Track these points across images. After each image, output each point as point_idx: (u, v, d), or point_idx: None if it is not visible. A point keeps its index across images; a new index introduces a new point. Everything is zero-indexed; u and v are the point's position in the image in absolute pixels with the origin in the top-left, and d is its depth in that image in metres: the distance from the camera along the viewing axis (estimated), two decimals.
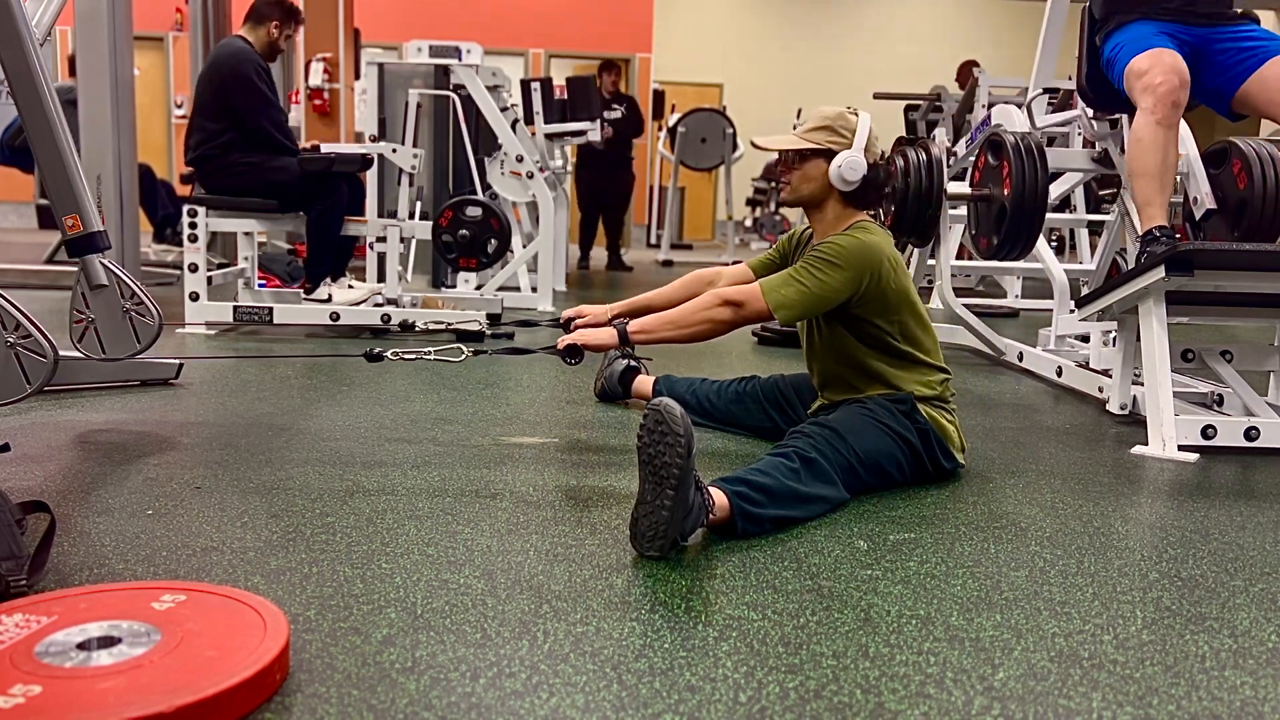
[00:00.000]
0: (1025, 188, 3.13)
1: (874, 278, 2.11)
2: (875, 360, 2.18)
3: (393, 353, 2.43)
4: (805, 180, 2.21)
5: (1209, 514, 2.06)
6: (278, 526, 1.78)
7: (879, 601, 1.53)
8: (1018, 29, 12.74)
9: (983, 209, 3.41)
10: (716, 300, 2.15)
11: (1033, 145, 3.16)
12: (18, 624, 1.25)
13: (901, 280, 2.16)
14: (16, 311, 1.94)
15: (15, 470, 2.07)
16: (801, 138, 2.20)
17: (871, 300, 2.13)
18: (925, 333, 2.22)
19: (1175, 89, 2.77)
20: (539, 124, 5.98)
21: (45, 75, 2.21)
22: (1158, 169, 2.77)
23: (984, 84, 7.12)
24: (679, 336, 2.19)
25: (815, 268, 2.11)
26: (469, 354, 2.44)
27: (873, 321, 2.15)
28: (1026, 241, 3.23)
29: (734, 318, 2.14)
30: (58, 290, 4.98)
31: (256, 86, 4.03)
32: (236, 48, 4.13)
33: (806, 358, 2.41)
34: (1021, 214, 3.15)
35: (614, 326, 2.23)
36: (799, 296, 2.10)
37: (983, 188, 3.40)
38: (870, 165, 2.16)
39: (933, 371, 2.21)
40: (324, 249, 4.23)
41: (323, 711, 1.15)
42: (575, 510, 1.93)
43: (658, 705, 1.19)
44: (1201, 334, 4.08)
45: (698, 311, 2.16)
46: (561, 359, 2.28)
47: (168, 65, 11.22)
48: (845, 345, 2.21)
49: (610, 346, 2.24)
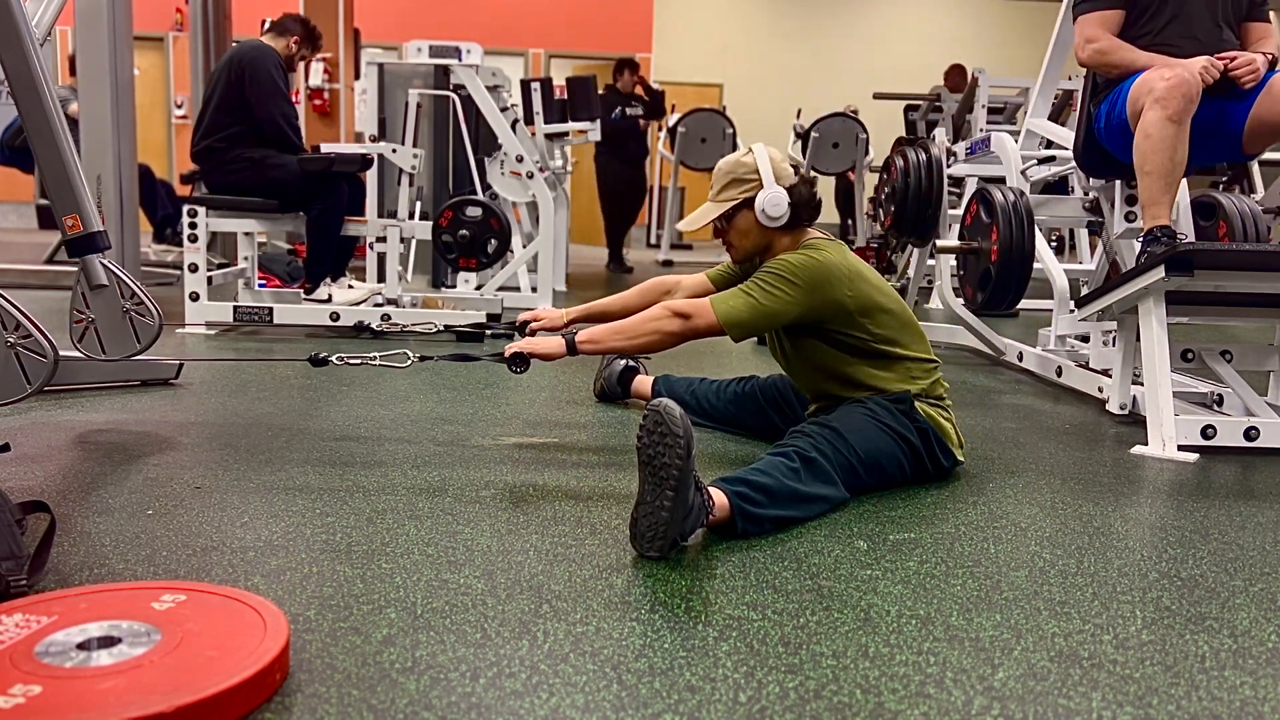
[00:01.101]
0: (1012, 251, 3.19)
1: (827, 296, 2.10)
2: (854, 365, 2.16)
3: (338, 357, 2.44)
4: (742, 236, 2.24)
5: (1209, 514, 2.06)
6: (278, 526, 1.78)
7: (879, 601, 1.53)
8: (1017, 29, 12.74)
9: (971, 260, 3.46)
10: (666, 312, 2.15)
11: (1021, 208, 3.21)
12: (18, 624, 1.25)
13: (861, 288, 2.13)
14: (16, 311, 1.94)
15: (15, 470, 2.07)
16: (716, 204, 2.23)
17: (831, 315, 2.13)
18: (903, 329, 2.19)
19: (1186, 81, 2.66)
20: (539, 124, 5.98)
21: (45, 75, 2.21)
22: (1165, 168, 2.69)
23: (984, 84, 7.13)
24: (627, 347, 2.20)
25: (767, 284, 2.11)
26: (414, 360, 2.44)
27: (841, 330, 2.14)
28: (1012, 299, 3.31)
29: (683, 329, 2.13)
30: (58, 290, 4.98)
31: (273, 79, 4.08)
32: (259, 45, 4.20)
33: (787, 373, 2.41)
34: (1008, 275, 3.23)
35: (563, 336, 2.22)
36: (749, 313, 2.10)
37: (972, 239, 3.44)
38: (789, 189, 2.17)
39: (918, 365, 2.18)
40: (324, 249, 4.23)
41: (323, 711, 1.15)
42: (575, 510, 1.93)
43: (658, 705, 1.19)
44: (1201, 334, 4.08)
45: (647, 322, 2.16)
46: (508, 367, 2.28)
47: (168, 65, 11.22)
48: (820, 355, 2.19)
49: (557, 356, 2.23)
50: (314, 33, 4.41)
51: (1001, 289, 3.25)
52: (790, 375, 2.40)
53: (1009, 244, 3.18)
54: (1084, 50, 3.02)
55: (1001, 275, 3.22)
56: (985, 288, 3.31)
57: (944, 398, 2.23)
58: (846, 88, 11.65)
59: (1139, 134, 2.76)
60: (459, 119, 4.99)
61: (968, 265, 3.51)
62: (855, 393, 2.16)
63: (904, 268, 6.54)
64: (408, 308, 4.24)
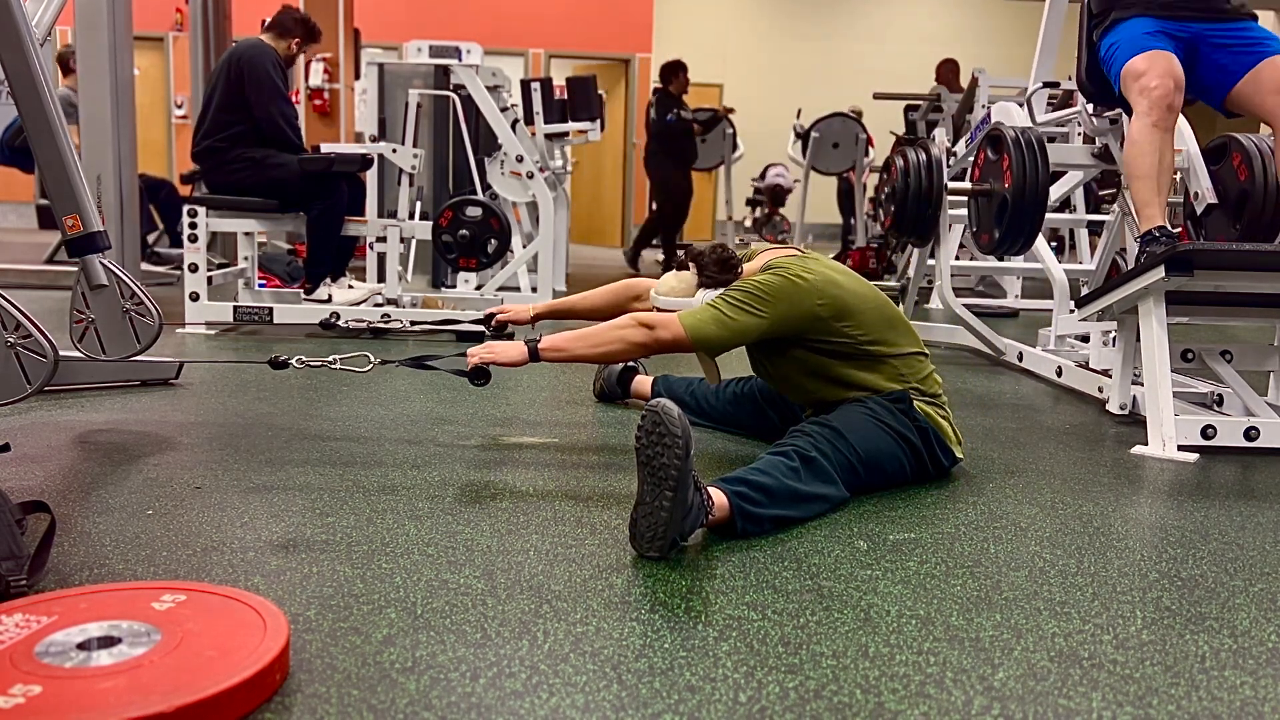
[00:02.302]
0: (1026, 181, 3.13)
1: (798, 309, 2.09)
2: (842, 368, 2.15)
3: (298, 359, 2.44)
4: None
5: (1209, 514, 2.06)
6: (278, 526, 1.78)
7: (879, 601, 1.53)
8: (1017, 29, 12.73)
9: (983, 204, 3.41)
10: (633, 323, 2.14)
11: (1033, 139, 3.16)
12: (18, 624, 1.25)
13: (833, 293, 2.11)
14: (16, 311, 1.94)
15: (15, 470, 2.07)
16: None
17: (808, 326, 2.12)
18: (888, 326, 2.17)
19: (1170, 92, 2.79)
20: (539, 124, 5.98)
21: (45, 75, 2.21)
22: (1153, 171, 2.79)
23: (984, 84, 7.12)
24: (591, 355, 2.19)
25: (737, 301, 2.10)
26: (375, 363, 2.44)
27: (823, 338, 2.13)
28: (1029, 234, 3.23)
29: (650, 341, 2.12)
30: (58, 290, 4.97)
31: (271, 77, 4.10)
32: (258, 43, 4.21)
33: (778, 390, 2.41)
34: (1023, 207, 3.16)
35: (526, 343, 2.21)
36: (717, 328, 2.09)
37: (983, 183, 3.39)
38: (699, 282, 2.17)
39: (905, 361, 2.17)
40: (324, 249, 4.23)
41: (323, 711, 1.15)
42: (575, 510, 1.93)
43: (658, 705, 1.19)
44: (1201, 334, 4.08)
45: (613, 332, 2.15)
46: (469, 381, 2.27)
47: (168, 65, 11.21)
48: (810, 363, 2.18)
49: (520, 364, 2.22)
50: (313, 30, 4.42)
51: (1017, 223, 3.17)
52: (782, 391, 2.39)
53: (1022, 173, 3.11)
54: None
55: (1017, 207, 3.14)
56: (1000, 224, 3.22)
57: (940, 394, 2.22)
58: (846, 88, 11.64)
59: (1127, 141, 2.89)
60: (459, 119, 4.99)
61: (980, 213, 3.44)
62: (848, 394, 2.16)
63: (904, 268, 6.54)
64: (408, 308, 4.24)
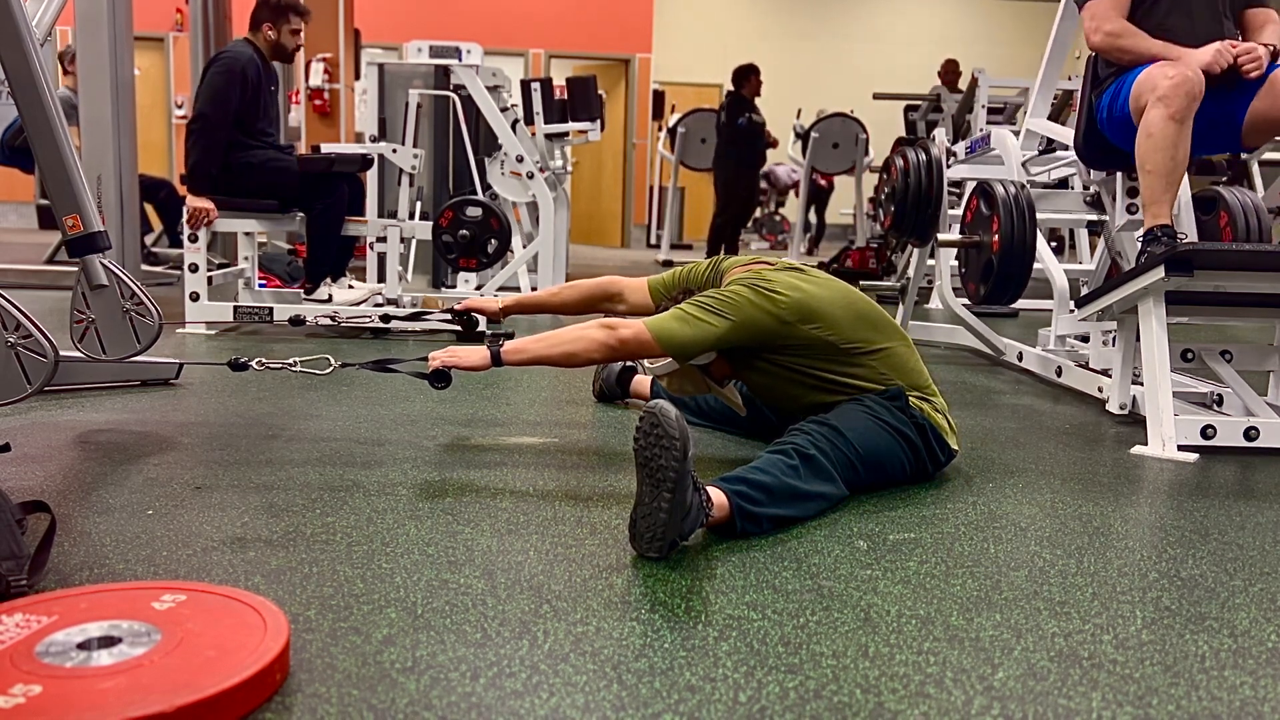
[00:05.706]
0: (1014, 242, 3.17)
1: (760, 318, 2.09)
2: (821, 369, 2.15)
3: (258, 361, 2.44)
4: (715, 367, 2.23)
5: (1209, 514, 2.06)
6: (278, 526, 1.78)
7: (879, 601, 1.53)
8: (1017, 29, 12.74)
9: (973, 255, 3.45)
10: (599, 327, 2.13)
11: (1023, 200, 3.20)
12: (18, 624, 1.25)
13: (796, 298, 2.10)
14: (17, 311, 1.94)
15: (15, 470, 2.07)
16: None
17: (777, 333, 2.11)
18: (864, 324, 2.16)
19: (1189, 79, 2.65)
20: (539, 124, 5.98)
21: (45, 75, 2.21)
22: (1166, 167, 2.68)
23: (983, 84, 7.13)
24: (552, 356, 2.17)
25: (702, 304, 2.11)
26: (336, 365, 2.44)
27: (793, 343, 2.13)
28: (1014, 293, 3.28)
29: (616, 344, 2.12)
30: (58, 290, 4.98)
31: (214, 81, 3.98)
32: (235, 45, 4.16)
33: (768, 405, 2.41)
34: (1009, 267, 3.21)
35: (488, 346, 2.20)
36: (682, 334, 2.09)
37: (973, 234, 3.43)
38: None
39: (889, 355, 2.16)
40: (324, 249, 4.23)
41: (323, 711, 1.15)
42: (575, 510, 1.93)
43: (658, 705, 1.19)
44: (1201, 334, 4.08)
45: (575, 331, 2.15)
46: (429, 384, 2.27)
47: (168, 65, 11.22)
48: (786, 367, 2.17)
49: (482, 368, 2.21)
50: (278, 6, 4.19)
51: (1003, 282, 3.22)
52: (772, 403, 2.39)
53: (1010, 236, 3.15)
54: (1095, 34, 2.97)
55: (1003, 268, 3.19)
56: (987, 280, 3.28)
57: (928, 385, 2.22)
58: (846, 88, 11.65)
59: (1141, 132, 2.75)
60: (459, 119, 5.00)
61: (969, 261, 3.50)
62: (836, 397, 2.15)
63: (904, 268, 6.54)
64: (407, 308, 4.24)
